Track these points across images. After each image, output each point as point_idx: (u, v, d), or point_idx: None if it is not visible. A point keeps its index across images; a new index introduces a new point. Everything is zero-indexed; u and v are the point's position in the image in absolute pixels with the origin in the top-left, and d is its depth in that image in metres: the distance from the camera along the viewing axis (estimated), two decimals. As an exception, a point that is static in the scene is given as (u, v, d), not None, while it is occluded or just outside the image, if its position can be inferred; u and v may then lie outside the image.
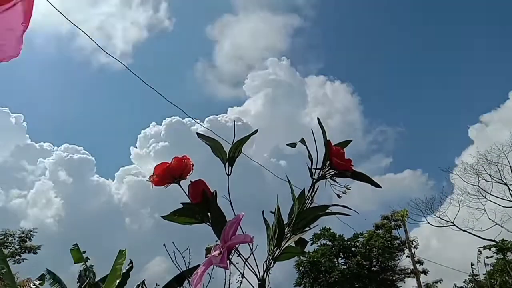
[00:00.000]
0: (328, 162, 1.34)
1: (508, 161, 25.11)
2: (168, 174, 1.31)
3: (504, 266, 19.18)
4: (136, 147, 31.67)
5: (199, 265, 1.25)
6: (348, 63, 46.94)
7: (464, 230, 24.92)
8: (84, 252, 6.68)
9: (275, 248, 1.28)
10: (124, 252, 6.03)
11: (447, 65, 40.99)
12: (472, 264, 19.31)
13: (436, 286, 23.43)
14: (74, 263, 6.52)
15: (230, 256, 1.17)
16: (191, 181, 1.33)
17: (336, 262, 22.64)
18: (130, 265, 6.04)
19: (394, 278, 22.24)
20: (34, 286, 6.27)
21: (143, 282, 6.27)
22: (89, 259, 6.65)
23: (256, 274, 1.25)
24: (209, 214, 1.31)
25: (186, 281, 5.32)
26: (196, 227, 1.33)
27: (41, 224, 25.37)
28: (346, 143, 1.40)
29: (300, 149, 1.35)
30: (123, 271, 5.94)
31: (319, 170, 1.35)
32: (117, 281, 5.72)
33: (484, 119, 32.23)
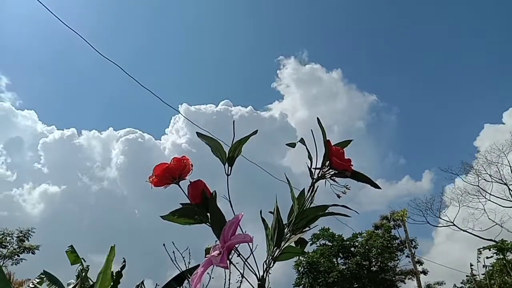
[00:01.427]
0: (328, 162, 1.33)
1: (508, 161, 25.18)
2: (167, 174, 1.30)
3: (503, 266, 19.18)
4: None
5: (198, 265, 1.25)
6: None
7: (464, 230, 25.01)
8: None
9: (275, 248, 1.28)
10: (113, 247, 6.01)
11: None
12: (471, 265, 19.35)
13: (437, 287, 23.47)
14: (71, 264, 6.52)
15: (230, 256, 1.17)
16: (190, 182, 1.32)
17: (335, 262, 22.60)
18: (124, 263, 6.02)
19: (394, 278, 22.22)
20: (33, 286, 6.25)
21: (142, 282, 6.25)
22: (85, 260, 6.64)
23: (256, 274, 1.25)
24: (208, 214, 1.30)
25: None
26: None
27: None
28: (346, 143, 1.39)
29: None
30: (117, 270, 5.93)
31: (318, 170, 1.35)
32: (109, 278, 5.71)
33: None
